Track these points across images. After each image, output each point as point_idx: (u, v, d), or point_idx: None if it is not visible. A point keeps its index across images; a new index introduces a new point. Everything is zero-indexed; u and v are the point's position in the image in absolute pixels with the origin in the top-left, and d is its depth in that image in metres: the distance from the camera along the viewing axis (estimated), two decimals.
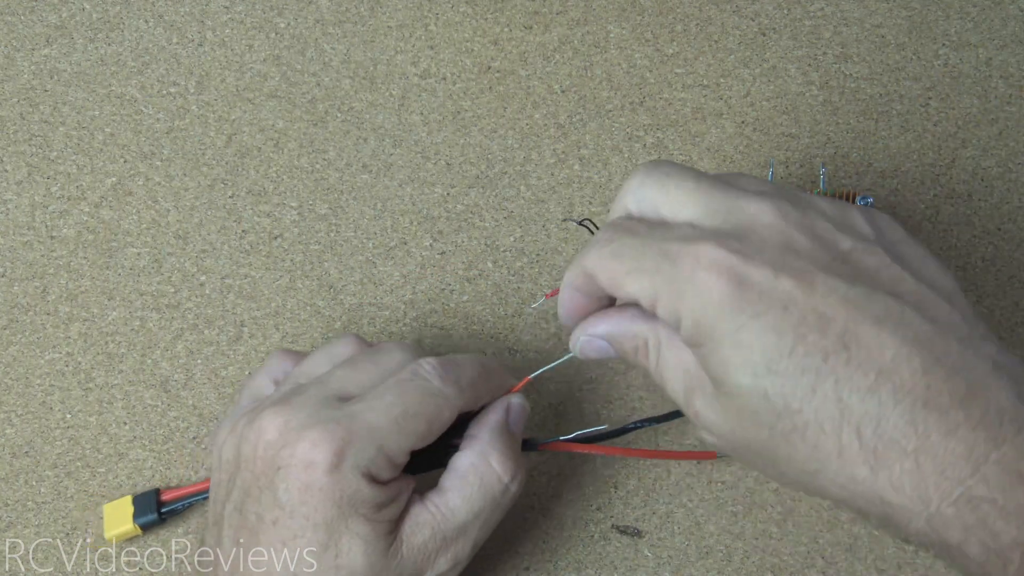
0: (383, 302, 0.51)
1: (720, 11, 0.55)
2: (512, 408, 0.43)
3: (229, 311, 0.51)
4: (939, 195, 0.53)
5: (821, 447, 0.33)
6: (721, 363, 0.34)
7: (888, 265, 0.34)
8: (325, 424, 0.38)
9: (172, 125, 0.54)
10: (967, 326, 0.34)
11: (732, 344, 0.33)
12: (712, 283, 0.34)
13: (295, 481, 0.37)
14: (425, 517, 0.40)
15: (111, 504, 0.47)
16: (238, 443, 0.40)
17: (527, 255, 0.52)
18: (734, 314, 0.33)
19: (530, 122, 0.54)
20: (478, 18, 0.55)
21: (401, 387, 0.39)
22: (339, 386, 0.40)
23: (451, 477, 0.41)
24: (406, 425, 0.39)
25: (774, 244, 0.34)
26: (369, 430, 0.38)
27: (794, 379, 0.33)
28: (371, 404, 0.39)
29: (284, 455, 0.38)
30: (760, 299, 0.33)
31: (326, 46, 0.55)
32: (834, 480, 0.33)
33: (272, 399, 0.41)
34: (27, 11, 0.55)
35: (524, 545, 0.48)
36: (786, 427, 0.33)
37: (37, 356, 0.50)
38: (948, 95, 0.54)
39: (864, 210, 0.37)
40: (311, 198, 0.53)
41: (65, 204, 0.52)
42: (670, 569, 0.48)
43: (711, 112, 0.54)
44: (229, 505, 0.40)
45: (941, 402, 0.32)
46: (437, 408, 0.40)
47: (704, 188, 0.36)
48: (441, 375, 0.40)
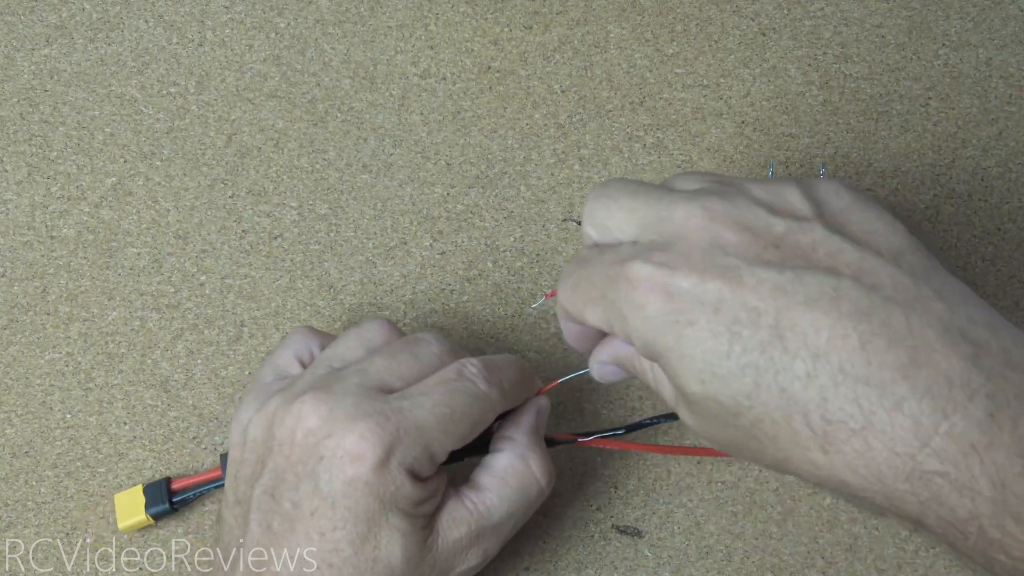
0: (383, 302, 0.51)
1: (720, 11, 0.55)
2: (541, 411, 0.43)
3: (229, 311, 0.51)
4: (939, 195, 0.53)
5: (779, 437, 0.33)
6: (674, 375, 0.34)
7: (826, 239, 0.33)
8: (375, 417, 0.38)
9: (172, 125, 0.54)
10: (915, 287, 0.32)
11: (677, 356, 0.33)
12: (646, 301, 0.34)
13: (339, 473, 0.37)
14: (463, 514, 0.40)
15: (122, 494, 0.47)
16: (269, 424, 0.39)
17: (527, 255, 0.52)
18: (671, 326, 0.33)
19: (530, 122, 0.54)
20: (478, 18, 0.55)
21: (448, 387, 0.40)
22: (379, 377, 0.40)
23: (489, 476, 0.41)
24: (452, 427, 0.39)
25: (701, 247, 0.34)
26: (417, 428, 0.38)
27: (738, 378, 0.32)
28: (419, 401, 0.39)
29: (329, 445, 0.38)
30: (691, 306, 0.33)
31: (326, 46, 0.55)
32: (800, 466, 0.33)
33: (308, 382, 0.40)
34: (27, 11, 0.55)
35: (524, 545, 0.48)
36: (745, 424, 0.33)
37: (37, 356, 0.50)
38: (948, 95, 0.54)
39: (804, 183, 0.35)
40: (311, 198, 0.53)
41: (65, 204, 0.52)
42: (670, 569, 0.48)
43: (711, 112, 0.54)
44: (258, 488, 0.39)
45: (883, 377, 0.31)
46: (482, 411, 0.40)
47: (639, 203, 0.36)
48: (487, 378, 0.40)
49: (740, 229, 0.34)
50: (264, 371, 0.44)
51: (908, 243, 0.34)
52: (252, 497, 0.39)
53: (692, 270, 0.33)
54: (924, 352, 0.31)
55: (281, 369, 0.43)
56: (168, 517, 0.48)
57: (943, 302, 0.32)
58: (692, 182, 0.37)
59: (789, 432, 0.32)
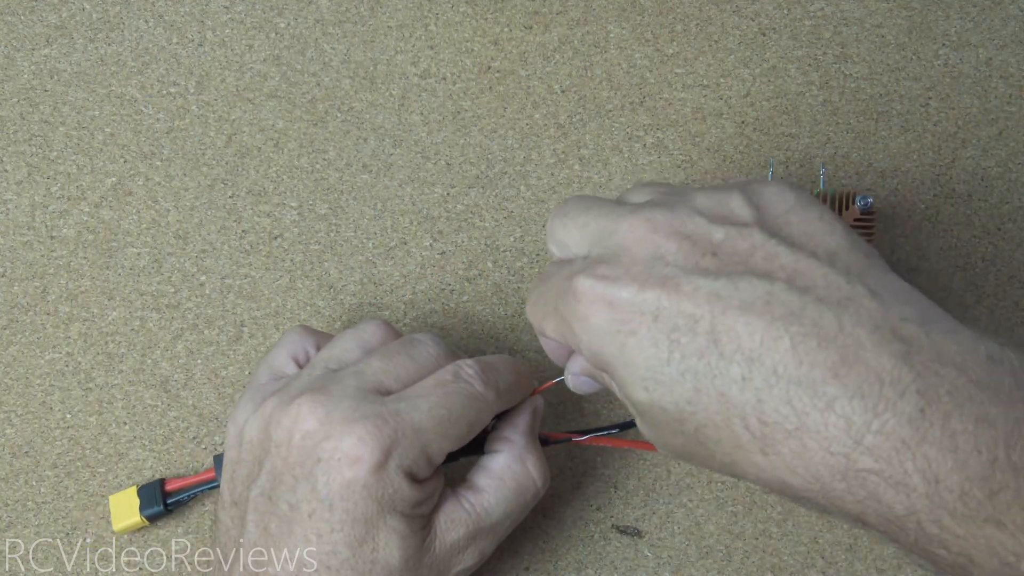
0: (383, 302, 0.51)
1: (720, 11, 0.55)
2: (537, 411, 0.44)
3: (229, 311, 0.51)
4: (939, 195, 0.53)
5: (723, 441, 0.33)
6: (621, 385, 0.35)
7: (762, 244, 0.34)
8: (372, 420, 0.38)
9: (172, 125, 0.54)
10: (849, 286, 0.32)
11: (622, 365, 0.34)
12: (589, 313, 0.34)
13: (337, 475, 0.37)
14: (460, 515, 0.40)
15: (116, 496, 0.47)
16: (265, 425, 0.39)
17: (527, 255, 0.52)
18: (614, 336, 0.34)
19: (530, 122, 0.54)
20: (478, 18, 0.55)
21: (445, 389, 0.40)
22: (376, 379, 0.40)
23: (487, 478, 0.41)
24: (449, 428, 0.39)
25: (642, 258, 0.34)
26: (415, 431, 0.38)
27: (679, 384, 0.33)
28: (416, 404, 0.39)
29: (326, 447, 0.38)
30: (631, 316, 0.34)
31: (326, 46, 0.55)
32: (747, 470, 0.33)
33: (305, 383, 0.40)
34: (27, 11, 0.55)
35: (524, 545, 0.48)
36: (690, 430, 0.34)
37: (37, 356, 0.50)
38: (948, 95, 0.54)
39: (748, 189, 0.36)
40: (311, 198, 0.53)
41: (65, 204, 0.52)
42: (670, 569, 0.48)
43: (711, 112, 0.54)
44: (255, 489, 0.39)
45: (814, 377, 0.31)
46: (479, 413, 0.40)
47: (591, 218, 0.37)
48: (483, 380, 0.41)
49: (680, 239, 0.34)
50: (260, 372, 0.44)
51: (845, 242, 0.34)
52: (249, 499, 0.39)
53: (633, 280, 0.34)
54: (854, 351, 0.31)
55: (277, 370, 0.43)
56: (164, 518, 0.48)
57: (876, 300, 0.32)
58: (642, 194, 0.38)
59: (731, 436, 0.33)
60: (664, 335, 0.33)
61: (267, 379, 0.43)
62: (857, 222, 0.47)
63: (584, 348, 0.35)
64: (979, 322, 0.51)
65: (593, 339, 0.35)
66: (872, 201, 0.47)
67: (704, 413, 0.33)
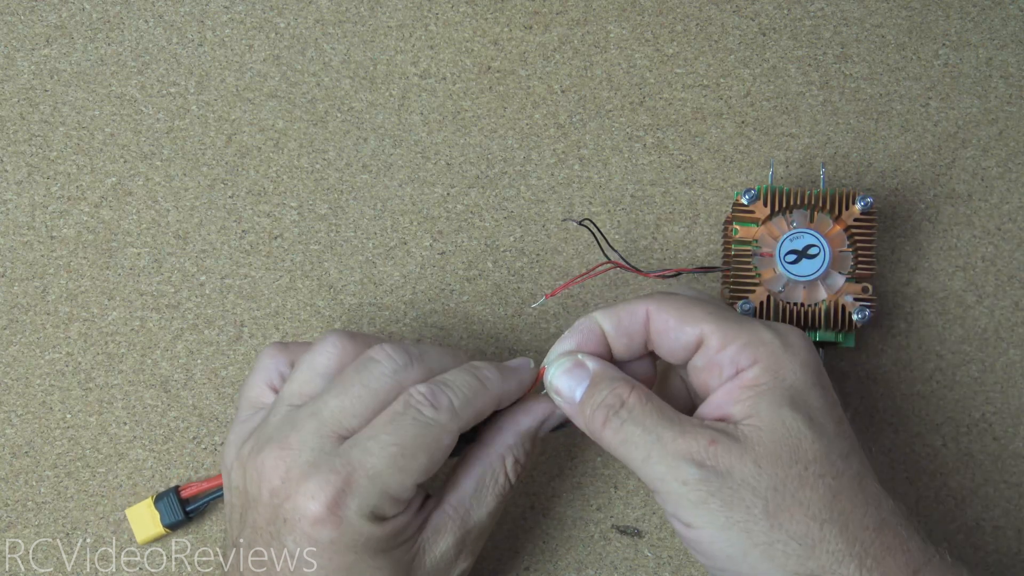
0: (383, 302, 0.51)
1: (720, 11, 0.55)
2: (548, 421, 0.43)
3: (229, 311, 0.51)
4: (939, 195, 0.53)
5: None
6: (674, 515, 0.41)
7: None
8: (324, 474, 0.38)
9: (172, 125, 0.54)
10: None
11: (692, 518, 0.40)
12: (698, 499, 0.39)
13: (302, 535, 0.38)
14: (445, 522, 0.40)
15: (133, 509, 0.47)
16: (243, 476, 0.40)
17: (527, 255, 0.52)
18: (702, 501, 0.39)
19: (530, 122, 0.54)
20: (478, 18, 0.55)
21: (395, 424, 0.39)
22: (334, 420, 0.39)
23: (468, 476, 0.41)
24: (405, 464, 0.39)
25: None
26: (368, 476, 0.38)
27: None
28: (368, 447, 0.39)
29: (287, 508, 0.38)
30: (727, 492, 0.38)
31: (326, 46, 0.55)
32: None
33: (271, 430, 0.40)
34: (27, 11, 0.55)
35: (524, 545, 0.48)
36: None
37: (37, 356, 0.50)
38: (948, 95, 0.54)
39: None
40: (311, 198, 0.53)
41: (65, 204, 0.52)
42: (670, 569, 0.48)
43: (711, 112, 0.54)
44: (243, 539, 0.40)
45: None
46: (434, 439, 0.39)
47: None
48: (433, 403, 0.40)
49: None
50: (241, 407, 0.44)
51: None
52: (240, 545, 0.40)
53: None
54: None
55: (254, 401, 0.43)
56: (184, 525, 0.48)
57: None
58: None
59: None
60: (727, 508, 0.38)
61: (246, 414, 0.43)
62: (857, 222, 0.47)
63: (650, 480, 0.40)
64: (979, 322, 0.51)
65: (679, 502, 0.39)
66: (872, 201, 0.47)
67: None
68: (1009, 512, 0.49)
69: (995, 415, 0.50)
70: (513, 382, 0.43)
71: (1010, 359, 0.50)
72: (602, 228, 0.50)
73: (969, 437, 0.50)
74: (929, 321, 0.51)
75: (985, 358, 0.51)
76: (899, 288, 0.51)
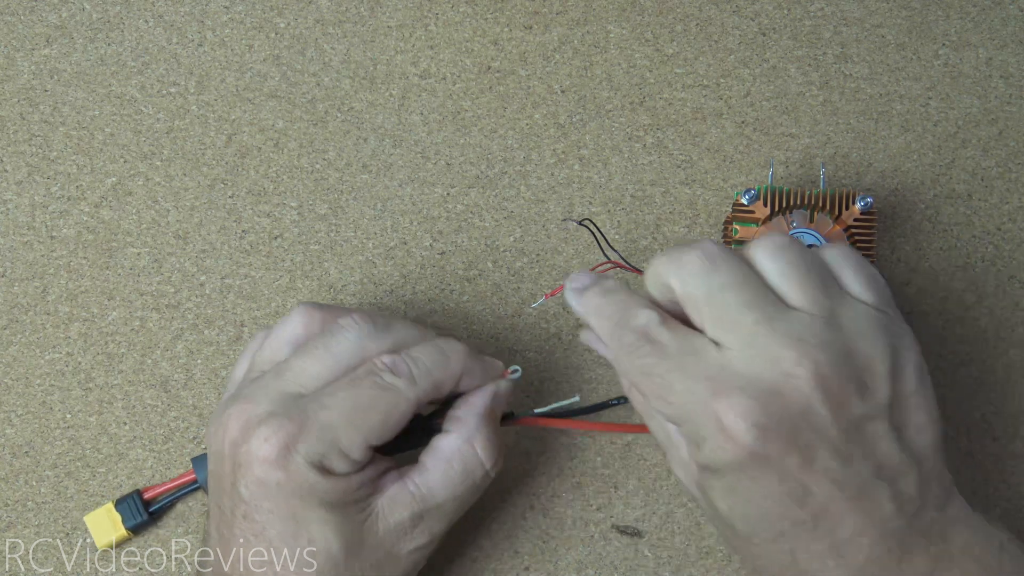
0: (383, 302, 0.51)
1: (720, 11, 0.55)
2: (498, 394, 0.43)
3: (229, 311, 0.51)
4: (939, 195, 0.53)
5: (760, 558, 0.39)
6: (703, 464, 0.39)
7: (884, 437, 0.37)
8: (278, 419, 0.39)
9: (172, 125, 0.54)
10: (920, 498, 0.37)
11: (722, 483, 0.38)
12: (732, 427, 0.36)
13: (252, 477, 0.39)
14: (404, 496, 0.41)
15: (91, 515, 0.47)
16: (211, 436, 0.41)
17: (527, 255, 0.52)
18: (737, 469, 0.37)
19: (530, 122, 0.54)
20: (478, 18, 0.55)
21: (355, 384, 0.40)
22: (295, 379, 0.41)
23: (434, 458, 0.42)
24: (358, 420, 0.40)
25: (794, 411, 0.36)
26: (321, 426, 0.39)
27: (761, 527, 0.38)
28: (323, 401, 0.40)
29: (242, 452, 0.39)
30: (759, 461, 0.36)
31: (326, 46, 0.55)
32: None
33: (240, 391, 0.42)
34: (27, 11, 0.55)
35: (524, 545, 0.48)
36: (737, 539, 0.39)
37: (37, 356, 0.50)
38: (948, 95, 0.54)
39: (894, 349, 0.38)
40: (311, 198, 0.53)
41: (65, 204, 0.52)
42: (670, 569, 0.48)
43: (711, 112, 0.54)
44: (212, 498, 0.42)
45: (872, 571, 0.37)
46: (391, 403, 0.40)
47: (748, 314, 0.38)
48: (394, 369, 0.41)
49: (829, 399, 0.36)
50: (227, 388, 0.45)
51: (939, 440, 0.39)
52: (211, 506, 0.42)
53: (777, 438, 0.36)
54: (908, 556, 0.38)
55: (238, 379, 0.45)
56: (149, 525, 0.48)
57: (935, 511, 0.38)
58: (792, 281, 0.39)
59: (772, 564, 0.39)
60: (775, 492, 0.37)
61: (230, 390, 0.44)
62: (857, 222, 0.47)
63: (680, 417, 0.38)
64: (979, 322, 0.51)
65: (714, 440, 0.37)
66: (872, 201, 0.47)
67: (764, 546, 0.38)
68: (1009, 512, 0.49)
69: (995, 415, 0.50)
70: (477, 365, 0.43)
71: (1010, 359, 0.50)
72: (602, 228, 0.51)
73: (969, 437, 0.50)
74: (929, 321, 0.51)
75: (985, 358, 0.50)
76: (899, 288, 0.51)
